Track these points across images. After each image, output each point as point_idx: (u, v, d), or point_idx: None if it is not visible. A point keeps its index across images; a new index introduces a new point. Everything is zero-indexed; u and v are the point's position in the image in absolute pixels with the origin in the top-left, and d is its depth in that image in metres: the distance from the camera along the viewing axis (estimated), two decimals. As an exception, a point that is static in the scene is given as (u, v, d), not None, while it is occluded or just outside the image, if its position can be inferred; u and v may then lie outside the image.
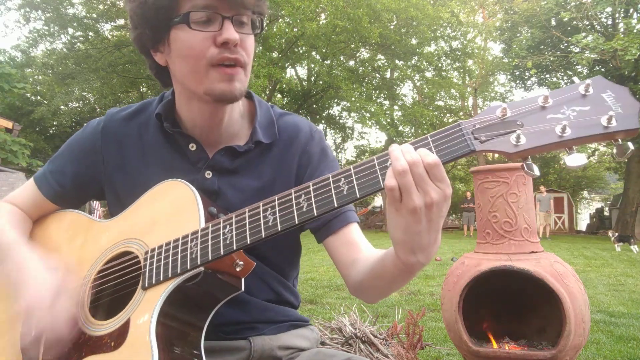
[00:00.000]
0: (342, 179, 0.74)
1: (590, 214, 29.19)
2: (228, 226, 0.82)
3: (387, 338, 3.04)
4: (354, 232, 1.03)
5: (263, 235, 0.78)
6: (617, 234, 12.70)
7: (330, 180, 0.75)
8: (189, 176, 0.97)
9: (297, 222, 0.76)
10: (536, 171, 0.68)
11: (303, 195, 0.77)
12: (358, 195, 0.73)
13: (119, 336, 0.84)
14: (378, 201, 27.24)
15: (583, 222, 29.24)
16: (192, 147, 1.02)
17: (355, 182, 0.74)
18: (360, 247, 1.00)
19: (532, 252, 2.61)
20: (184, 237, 0.86)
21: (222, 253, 0.81)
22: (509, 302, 2.79)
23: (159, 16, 0.90)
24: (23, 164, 14.01)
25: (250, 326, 1.02)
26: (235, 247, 0.80)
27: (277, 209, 0.78)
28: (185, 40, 0.90)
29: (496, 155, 0.96)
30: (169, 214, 0.92)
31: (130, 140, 1.06)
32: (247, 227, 0.80)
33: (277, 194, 0.81)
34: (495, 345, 2.65)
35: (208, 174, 1.01)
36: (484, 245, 2.75)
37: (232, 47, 0.90)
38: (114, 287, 0.94)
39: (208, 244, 0.82)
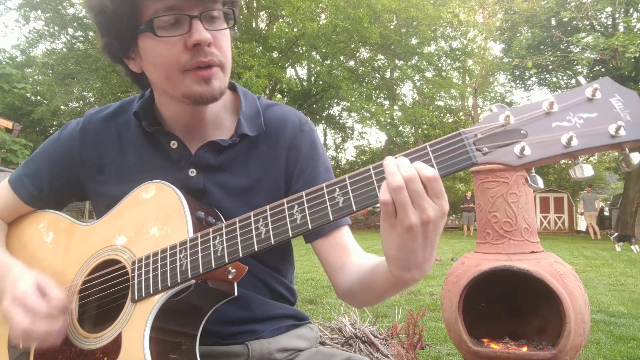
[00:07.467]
0: (337, 189, 0.70)
1: (590, 214, 29.15)
2: (218, 237, 0.78)
3: (387, 338, 3.04)
4: (344, 235, 0.99)
5: (256, 248, 0.74)
6: (616, 234, 12.66)
7: (325, 190, 0.71)
8: (171, 175, 0.94)
9: (290, 234, 0.72)
10: (540, 184, 0.64)
11: (296, 206, 0.73)
12: (355, 209, 0.69)
13: (112, 351, 0.81)
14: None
15: (583, 222, 29.19)
16: (174, 144, 0.97)
17: (351, 194, 0.69)
18: (350, 252, 0.97)
19: (532, 252, 2.61)
20: (172, 247, 0.82)
21: (213, 266, 0.77)
22: (509, 302, 2.79)
23: (122, 25, 0.85)
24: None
25: (248, 328, 1.00)
26: (227, 260, 0.76)
27: (269, 220, 0.74)
28: (154, 48, 0.85)
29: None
30: (155, 219, 0.87)
31: (109, 141, 1.02)
32: (239, 238, 0.76)
33: (266, 192, 0.77)
34: (494, 346, 2.65)
35: (192, 172, 0.97)
36: (484, 245, 2.75)
37: (204, 48, 0.84)
38: (102, 298, 0.90)
39: (198, 255, 0.79)
